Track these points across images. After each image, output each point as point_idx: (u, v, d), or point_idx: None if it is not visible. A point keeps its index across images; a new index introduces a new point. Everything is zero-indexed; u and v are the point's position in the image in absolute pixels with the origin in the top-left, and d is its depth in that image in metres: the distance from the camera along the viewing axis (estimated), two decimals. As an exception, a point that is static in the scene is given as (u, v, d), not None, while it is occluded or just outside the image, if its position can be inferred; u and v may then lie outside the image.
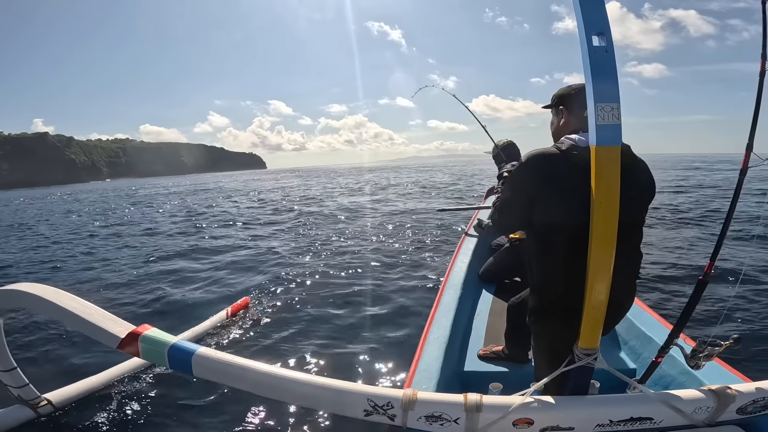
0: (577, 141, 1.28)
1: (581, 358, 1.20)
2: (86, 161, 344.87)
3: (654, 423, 1.22)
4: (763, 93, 1.48)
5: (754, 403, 1.24)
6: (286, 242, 7.91)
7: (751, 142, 1.49)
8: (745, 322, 3.21)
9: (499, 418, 1.19)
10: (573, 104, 1.36)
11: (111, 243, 9.24)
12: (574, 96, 1.36)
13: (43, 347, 3.49)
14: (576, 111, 1.35)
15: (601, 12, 1.02)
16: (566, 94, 1.40)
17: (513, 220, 1.42)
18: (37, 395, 2.35)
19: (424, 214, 10.90)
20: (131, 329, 1.33)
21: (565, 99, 1.40)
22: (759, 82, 1.47)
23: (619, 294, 1.16)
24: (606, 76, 1.04)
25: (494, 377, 1.97)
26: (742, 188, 1.53)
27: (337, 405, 1.30)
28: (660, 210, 9.06)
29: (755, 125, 1.50)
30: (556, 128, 1.43)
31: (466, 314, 2.64)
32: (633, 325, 2.20)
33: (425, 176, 33.31)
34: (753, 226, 6.61)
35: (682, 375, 1.75)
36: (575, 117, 1.36)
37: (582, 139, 1.27)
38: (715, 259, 1.52)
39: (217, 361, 1.30)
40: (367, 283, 4.89)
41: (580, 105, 1.30)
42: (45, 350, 3.44)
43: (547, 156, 1.29)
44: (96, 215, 16.38)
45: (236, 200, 20.11)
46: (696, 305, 1.52)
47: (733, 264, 4.71)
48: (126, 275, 6.02)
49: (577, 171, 1.20)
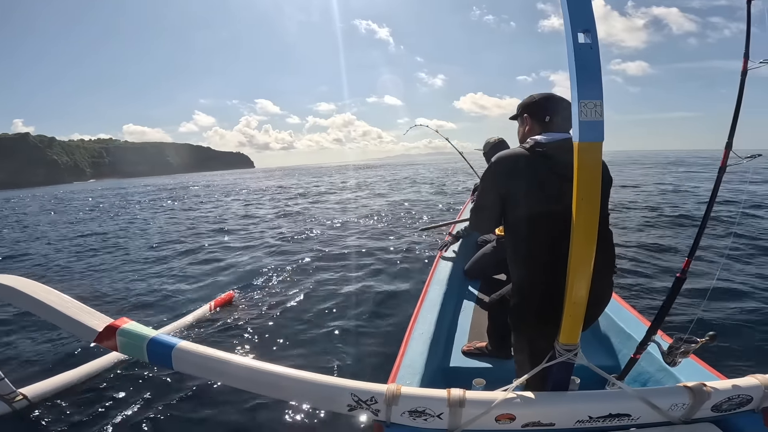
0: (539, 139, 1.34)
1: (562, 354, 1.20)
2: (69, 162, 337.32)
3: (632, 419, 1.24)
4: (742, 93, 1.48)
5: (729, 400, 1.25)
6: (271, 237, 7.85)
7: (731, 141, 1.48)
8: (721, 320, 3.29)
9: (481, 413, 1.19)
10: (534, 111, 1.44)
11: (91, 240, 9.07)
12: (535, 104, 1.45)
13: (18, 341, 3.39)
14: (538, 117, 1.42)
15: (588, 9, 1.02)
16: (529, 103, 1.47)
17: (489, 221, 1.45)
18: (13, 390, 2.30)
19: (410, 209, 10.95)
20: (109, 322, 1.28)
21: (527, 107, 1.47)
22: (740, 82, 1.47)
23: (598, 289, 1.17)
24: (590, 73, 1.04)
25: (478, 373, 1.98)
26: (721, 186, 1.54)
27: (321, 400, 1.28)
28: (640, 208, 9.22)
29: (735, 125, 1.49)
30: (522, 135, 1.50)
31: (451, 310, 2.64)
32: (613, 322, 2.23)
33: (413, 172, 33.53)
34: (731, 224, 6.82)
35: (660, 372, 1.77)
36: (538, 123, 1.43)
37: (544, 137, 1.34)
38: (692, 257, 1.53)
39: (199, 355, 1.26)
40: (352, 277, 4.87)
41: (541, 112, 1.41)
42: (20, 344, 3.34)
43: (513, 155, 1.35)
44: (77, 214, 16.02)
45: (222, 197, 19.96)
46: (673, 303, 1.53)
47: (710, 262, 4.81)
48: (106, 271, 5.92)
49: (542, 167, 1.28)
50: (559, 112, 1.38)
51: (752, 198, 9.70)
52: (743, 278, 4.23)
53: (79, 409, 2.41)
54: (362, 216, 10.13)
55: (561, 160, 1.23)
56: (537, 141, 1.34)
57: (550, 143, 1.32)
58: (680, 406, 1.23)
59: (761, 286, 4.01)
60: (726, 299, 3.71)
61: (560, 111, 1.37)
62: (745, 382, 1.28)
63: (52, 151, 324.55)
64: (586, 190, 1.07)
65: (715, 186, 1.53)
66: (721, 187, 1.52)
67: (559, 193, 1.21)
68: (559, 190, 1.22)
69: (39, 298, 1.31)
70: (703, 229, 1.53)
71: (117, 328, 1.27)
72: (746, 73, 1.46)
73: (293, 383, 1.25)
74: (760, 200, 9.44)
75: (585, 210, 1.07)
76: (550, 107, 1.40)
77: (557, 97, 1.43)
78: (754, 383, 1.27)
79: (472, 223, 1.57)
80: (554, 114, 1.38)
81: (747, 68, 1.45)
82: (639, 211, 8.90)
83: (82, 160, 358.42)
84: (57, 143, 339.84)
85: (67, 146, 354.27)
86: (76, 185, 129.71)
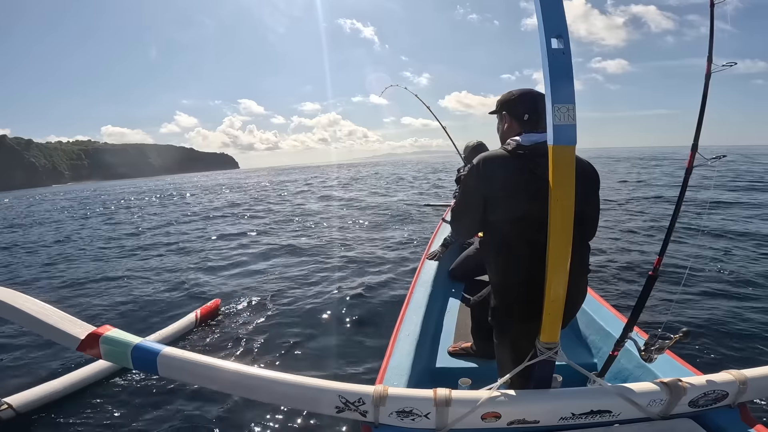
0: (521, 141, 1.33)
1: (543, 352, 1.22)
2: (47, 164, 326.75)
3: (613, 416, 1.25)
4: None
5: (705, 396, 1.26)
6: (257, 241, 7.76)
7: (696, 142, 1.49)
8: (695, 316, 3.38)
9: (468, 412, 1.20)
10: (513, 108, 1.42)
11: (71, 246, 8.80)
12: (514, 101, 1.42)
13: (2, 350, 3.30)
14: (517, 115, 1.40)
15: (560, 15, 1.04)
16: (507, 100, 1.45)
17: (470, 223, 1.43)
18: (-3, 399, 2.21)
19: (396, 210, 10.96)
20: (91, 330, 1.25)
21: (506, 105, 1.45)
22: (705, 85, 1.48)
23: (574, 288, 1.18)
24: (563, 77, 1.05)
25: (464, 373, 1.98)
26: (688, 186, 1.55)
27: (309, 402, 1.27)
28: (617, 206, 9.45)
29: (700, 127, 1.50)
30: (502, 132, 1.48)
31: (437, 311, 2.65)
32: (592, 320, 2.27)
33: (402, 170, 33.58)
34: (701, 222, 7.03)
35: (639, 368, 1.79)
36: (517, 120, 1.41)
37: (525, 139, 1.33)
38: (663, 255, 1.55)
39: (185, 360, 1.24)
40: (337, 281, 4.85)
41: (519, 109, 1.38)
42: (4, 354, 3.25)
43: (496, 158, 1.34)
44: (56, 219, 15.52)
45: (207, 199, 19.61)
46: (647, 300, 1.55)
47: (681, 259, 4.96)
48: (88, 278, 5.76)
49: (524, 169, 1.28)
50: (538, 110, 1.34)
51: (720, 196, 10.07)
52: (712, 275, 4.37)
53: (67, 418, 2.35)
54: (348, 218, 10.10)
55: (542, 162, 1.21)
56: (518, 143, 1.33)
57: (531, 146, 1.31)
58: (658, 402, 1.24)
59: (730, 280, 4.16)
60: (698, 295, 3.82)
61: (540, 109, 1.30)
62: (719, 378, 1.30)
63: (29, 154, 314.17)
64: (560, 191, 1.09)
65: (683, 187, 1.54)
66: (695, 185, 1.53)
67: (539, 195, 1.20)
68: (539, 192, 1.20)
69: (19, 308, 1.26)
70: (672, 228, 1.55)
71: (100, 335, 1.23)
72: (710, 76, 1.47)
73: (281, 386, 1.23)
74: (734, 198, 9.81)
75: (560, 211, 1.09)
76: (529, 105, 1.37)
77: (536, 94, 1.40)
78: (728, 379, 1.29)
79: (454, 229, 1.55)
80: (533, 112, 1.36)
81: (711, 71, 1.46)
82: (614, 210, 9.12)
83: (61, 162, 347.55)
84: (35, 145, 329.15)
85: (45, 148, 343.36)
86: (54, 188, 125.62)
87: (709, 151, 1.50)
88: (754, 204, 9.05)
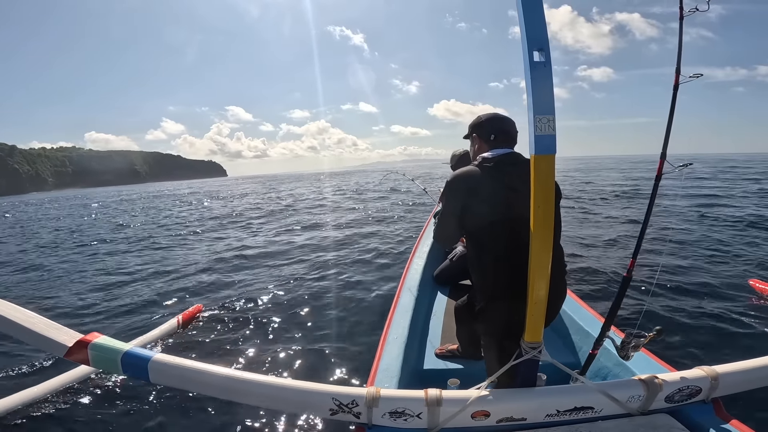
0: (486, 155, 1.45)
1: (527, 352, 1.24)
2: (30, 171, 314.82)
3: (595, 412, 1.28)
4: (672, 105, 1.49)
5: (680, 391, 1.31)
6: (240, 246, 7.61)
7: (665, 151, 1.50)
8: (668, 314, 3.47)
9: (458, 411, 1.21)
10: (482, 131, 1.55)
11: (51, 254, 8.47)
12: (481, 124, 1.56)
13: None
14: (485, 136, 1.53)
15: (542, 29, 1.06)
16: (476, 124, 1.58)
17: (451, 232, 1.52)
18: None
19: (382, 213, 10.94)
20: (79, 338, 1.21)
21: (476, 128, 1.58)
22: (673, 96, 1.51)
23: (554, 289, 1.22)
24: (544, 89, 1.07)
25: (452, 374, 2.00)
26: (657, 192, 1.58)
27: (303, 405, 1.26)
28: (597, 211, 9.67)
29: (668, 135, 1.52)
30: (473, 153, 1.60)
31: (423, 315, 2.66)
32: (573, 321, 2.31)
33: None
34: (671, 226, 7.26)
35: (618, 366, 1.82)
36: (485, 141, 1.53)
37: (491, 154, 1.45)
38: (636, 257, 1.58)
39: (177, 366, 1.21)
40: (323, 285, 4.79)
41: (486, 131, 1.52)
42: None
43: (467, 172, 1.45)
44: (38, 227, 14.90)
45: (190, 207, 19.18)
46: (622, 300, 1.57)
47: (653, 260, 5.03)
48: (67, 285, 5.54)
49: (490, 178, 1.39)
50: (502, 131, 1.49)
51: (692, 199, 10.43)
52: (683, 276, 4.51)
53: (49, 424, 2.26)
54: (332, 223, 10.01)
55: (506, 171, 1.38)
56: (484, 157, 1.45)
57: (494, 158, 1.43)
58: (636, 398, 1.28)
59: (699, 281, 4.29)
60: (670, 294, 3.94)
61: (503, 129, 1.49)
62: (692, 374, 1.34)
63: (13, 160, 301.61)
64: (541, 198, 1.12)
65: (652, 194, 1.59)
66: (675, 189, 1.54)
67: (507, 202, 1.32)
68: (507, 200, 1.32)
69: (5, 315, 1.21)
70: (644, 232, 1.58)
71: (88, 342, 1.19)
72: (678, 87, 1.50)
73: (274, 390, 1.22)
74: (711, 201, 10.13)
75: (541, 217, 1.12)
76: (495, 127, 1.51)
77: (500, 117, 1.55)
78: (700, 375, 1.33)
79: (435, 236, 1.61)
80: (498, 132, 1.50)
81: (679, 82, 1.50)
82: (594, 214, 9.34)
83: (44, 169, 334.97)
84: (18, 152, 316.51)
85: (29, 155, 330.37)
86: (33, 195, 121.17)
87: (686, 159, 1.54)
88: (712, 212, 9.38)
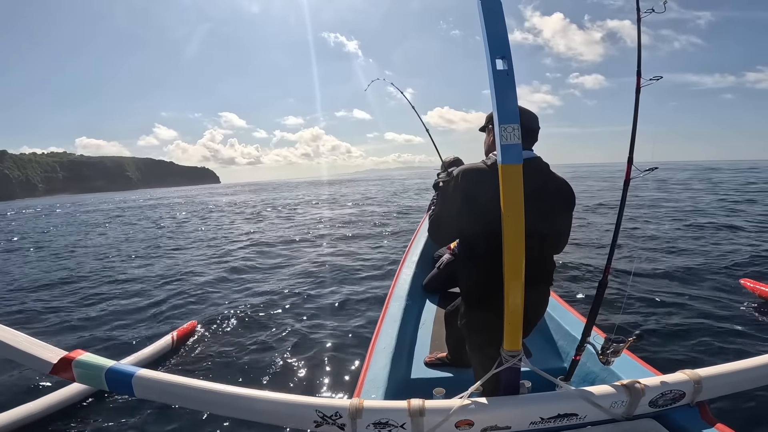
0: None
1: (507, 360, 1.23)
2: (20, 176, 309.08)
3: (580, 418, 1.25)
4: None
5: (663, 396, 1.28)
6: (233, 261, 7.44)
7: (631, 155, 1.48)
8: (647, 318, 3.52)
9: (441, 421, 1.20)
10: None
11: (37, 265, 8.25)
12: None
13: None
14: None
15: (503, 37, 1.05)
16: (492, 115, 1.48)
17: (447, 231, 1.46)
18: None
19: (372, 223, 10.88)
20: (63, 355, 1.20)
21: (493, 119, 1.48)
22: (635, 99, 1.48)
23: (534, 298, 1.21)
24: (507, 98, 1.06)
25: (440, 382, 1.98)
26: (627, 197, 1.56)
27: (287, 418, 1.25)
28: (584, 219, 9.77)
29: (633, 140, 1.50)
30: (488, 146, 1.51)
31: (412, 324, 2.65)
32: (560, 325, 2.31)
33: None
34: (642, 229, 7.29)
35: (603, 371, 1.80)
36: None
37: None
38: (610, 263, 1.57)
39: (160, 381, 1.20)
40: (313, 298, 4.77)
41: None
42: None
43: (475, 170, 1.36)
44: (23, 237, 14.42)
45: (182, 217, 18.69)
46: (600, 305, 1.56)
47: (625, 268, 5.14)
48: (54, 302, 5.36)
49: (496, 182, 1.28)
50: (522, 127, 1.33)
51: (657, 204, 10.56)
52: (656, 279, 4.60)
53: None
54: (323, 235, 9.91)
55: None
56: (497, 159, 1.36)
57: None
58: (620, 404, 1.25)
59: (673, 288, 4.34)
60: (647, 297, 4.00)
61: (524, 125, 1.25)
62: (674, 378, 1.31)
63: (3, 166, 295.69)
64: (510, 208, 1.11)
65: (622, 198, 1.57)
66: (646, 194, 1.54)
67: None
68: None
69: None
70: (616, 237, 1.57)
71: (72, 359, 1.19)
72: (639, 91, 1.48)
73: (258, 403, 1.21)
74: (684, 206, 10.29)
75: (512, 226, 1.11)
76: None
77: (522, 110, 1.38)
78: (683, 378, 1.31)
79: (431, 234, 1.56)
80: None
81: (640, 86, 1.47)
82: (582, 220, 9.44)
83: (35, 174, 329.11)
84: (9, 156, 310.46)
85: (20, 160, 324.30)
86: (25, 201, 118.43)
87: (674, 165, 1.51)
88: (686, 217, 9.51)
